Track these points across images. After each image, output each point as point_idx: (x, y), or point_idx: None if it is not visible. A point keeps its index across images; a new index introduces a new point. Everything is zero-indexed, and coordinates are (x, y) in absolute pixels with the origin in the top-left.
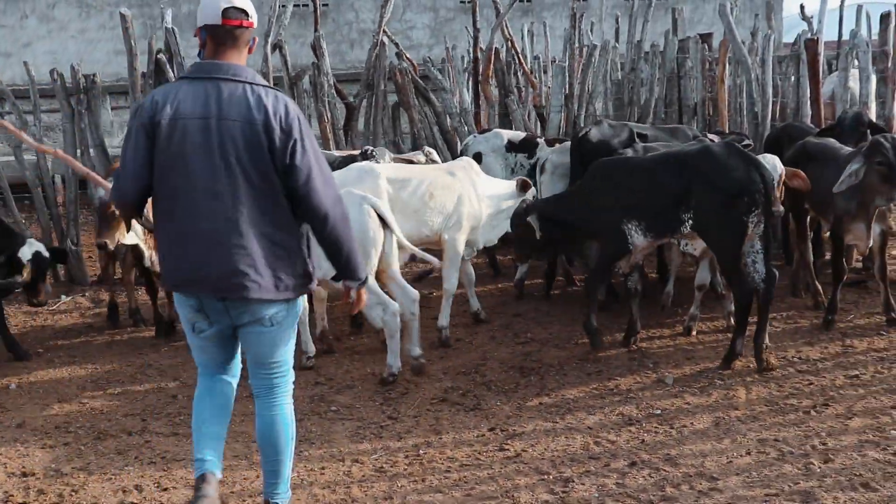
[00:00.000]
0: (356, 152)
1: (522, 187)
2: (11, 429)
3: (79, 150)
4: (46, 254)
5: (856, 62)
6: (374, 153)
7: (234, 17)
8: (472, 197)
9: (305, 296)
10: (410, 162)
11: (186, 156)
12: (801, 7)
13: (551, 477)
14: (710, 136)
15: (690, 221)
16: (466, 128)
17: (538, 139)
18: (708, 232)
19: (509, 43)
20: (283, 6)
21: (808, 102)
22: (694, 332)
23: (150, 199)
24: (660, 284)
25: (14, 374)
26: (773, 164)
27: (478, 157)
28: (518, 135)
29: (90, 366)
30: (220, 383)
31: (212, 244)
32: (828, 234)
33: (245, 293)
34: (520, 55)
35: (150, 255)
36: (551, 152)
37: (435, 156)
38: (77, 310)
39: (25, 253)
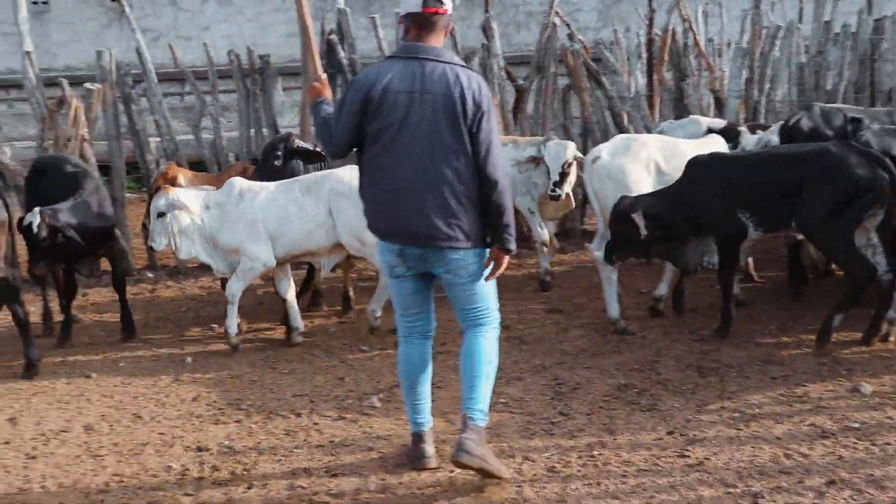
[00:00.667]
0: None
1: None
2: (187, 402)
3: (252, 130)
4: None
5: None
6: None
7: (432, 5)
8: None
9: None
10: None
11: (395, 124)
12: None
13: (739, 490)
14: None
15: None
16: (639, 112)
17: (740, 127)
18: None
19: (687, 24)
20: None
21: None
22: (893, 339)
23: None
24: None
25: (190, 348)
26: None
27: None
28: (718, 122)
29: (260, 343)
30: (418, 348)
31: (416, 199)
32: None
33: (440, 242)
34: (697, 37)
35: None
36: (771, 133)
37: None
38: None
39: None
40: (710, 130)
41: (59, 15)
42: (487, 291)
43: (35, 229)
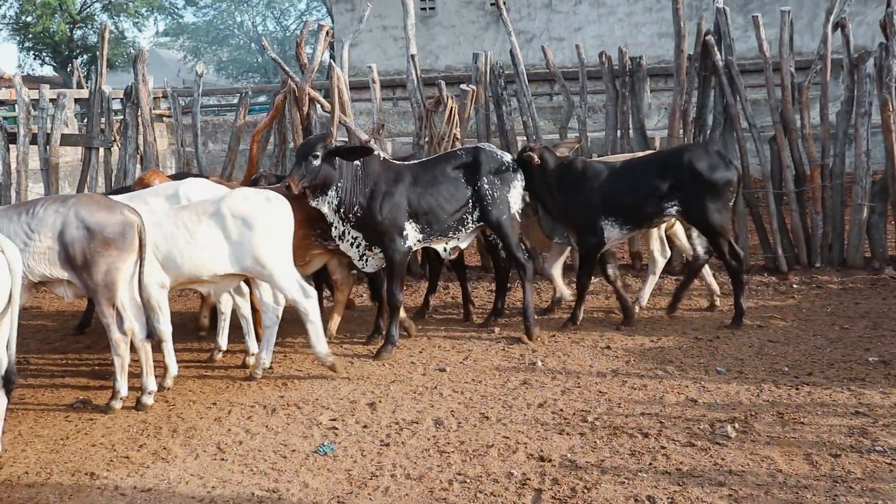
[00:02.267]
0: None
1: None
2: (533, 407)
3: (619, 132)
4: None
5: None
6: None
7: None
8: None
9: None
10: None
11: None
12: None
13: None
14: None
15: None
16: None
17: None
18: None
19: None
20: None
21: None
22: None
23: None
24: None
25: (542, 350)
26: None
27: None
28: None
29: (611, 352)
30: None
31: None
32: None
33: None
34: None
35: None
36: None
37: None
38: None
39: None
40: None
41: (444, 19)
42: None
43: None
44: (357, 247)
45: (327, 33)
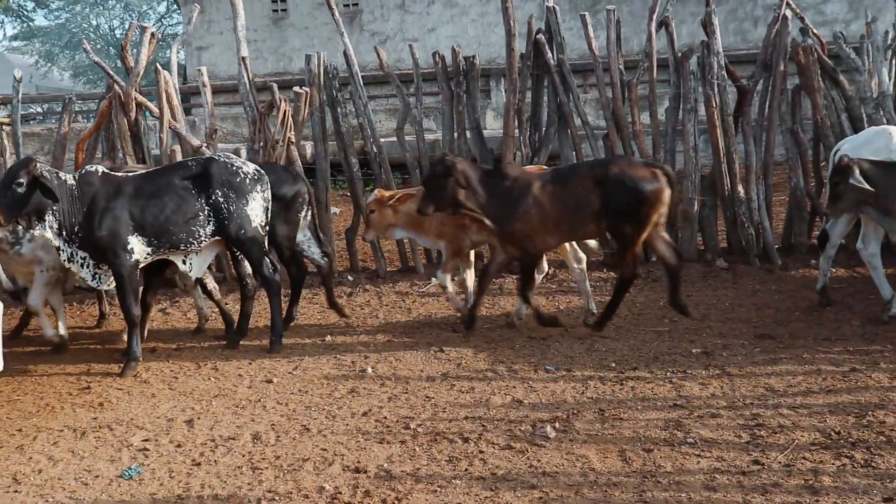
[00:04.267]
0: None
1: None
2: (357, 416)
3: (455, 133)
4: None
5: None
6: None
7: None
8: None
9: None
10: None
11: None
12: None
13: None
14: None
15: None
16: (883, 115)
17: None
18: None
19: None
20: None
21: None
22: None
23: None
24: None
25: (375, 357)
26: None
27: None
28: None
29: (443, 355)
30: None
31: None
32: None
33: None
34: None
35: None
36: None
37: None
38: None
39: None
40: None
41: (297, 21)
42: None
43: None
44: (87, 266)
45: (152, 35)
